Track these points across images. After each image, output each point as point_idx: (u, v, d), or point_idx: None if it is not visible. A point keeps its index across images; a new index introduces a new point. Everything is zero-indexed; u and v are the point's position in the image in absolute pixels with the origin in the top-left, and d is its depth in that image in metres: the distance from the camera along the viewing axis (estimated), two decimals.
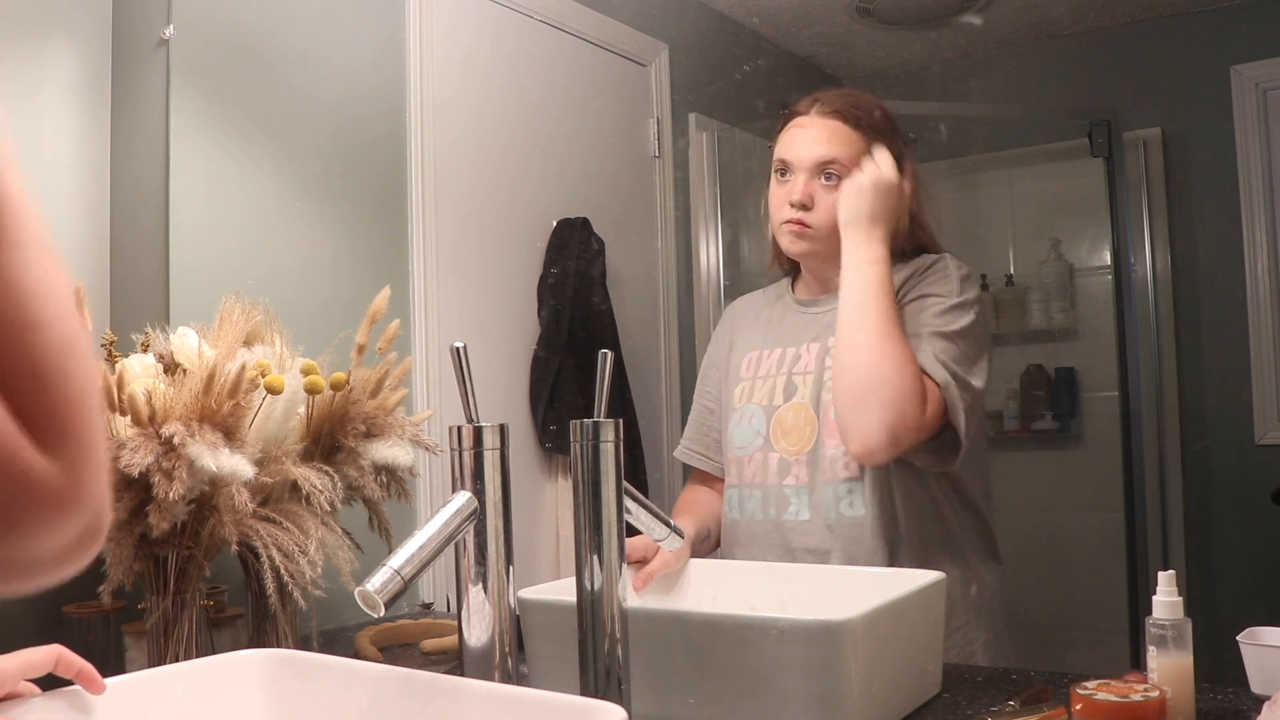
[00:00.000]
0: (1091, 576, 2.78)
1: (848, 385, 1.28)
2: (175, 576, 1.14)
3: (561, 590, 1.07)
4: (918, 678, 1.06)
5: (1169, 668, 0.92)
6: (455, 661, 1.08)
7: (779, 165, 1.41)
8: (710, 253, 2.56)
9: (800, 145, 1.38)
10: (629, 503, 0.97)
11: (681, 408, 2.45)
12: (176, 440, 1.06)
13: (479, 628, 0.90)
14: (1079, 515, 2.89)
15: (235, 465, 1.08)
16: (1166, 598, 0.94)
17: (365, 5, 1.78)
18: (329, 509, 1.17)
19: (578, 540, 0.94)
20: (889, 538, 1.33)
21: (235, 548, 1.12)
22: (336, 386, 1.23)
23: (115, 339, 1.23)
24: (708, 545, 1.49)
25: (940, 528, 1.37)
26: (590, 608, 0.93)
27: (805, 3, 2.71)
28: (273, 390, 1.15)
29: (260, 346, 1.25)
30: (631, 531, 1.00)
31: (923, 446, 1.30)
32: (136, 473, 1.04)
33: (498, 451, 0.91)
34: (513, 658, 0.92)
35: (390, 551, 0.83)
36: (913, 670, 1.05)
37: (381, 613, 0.80)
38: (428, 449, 1.33)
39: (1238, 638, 1.03)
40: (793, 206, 1.37)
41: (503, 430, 0.92)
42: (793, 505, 1.38)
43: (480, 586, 0.90)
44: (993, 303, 3.04)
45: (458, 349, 0.91)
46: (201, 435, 1.07)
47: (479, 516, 0.89)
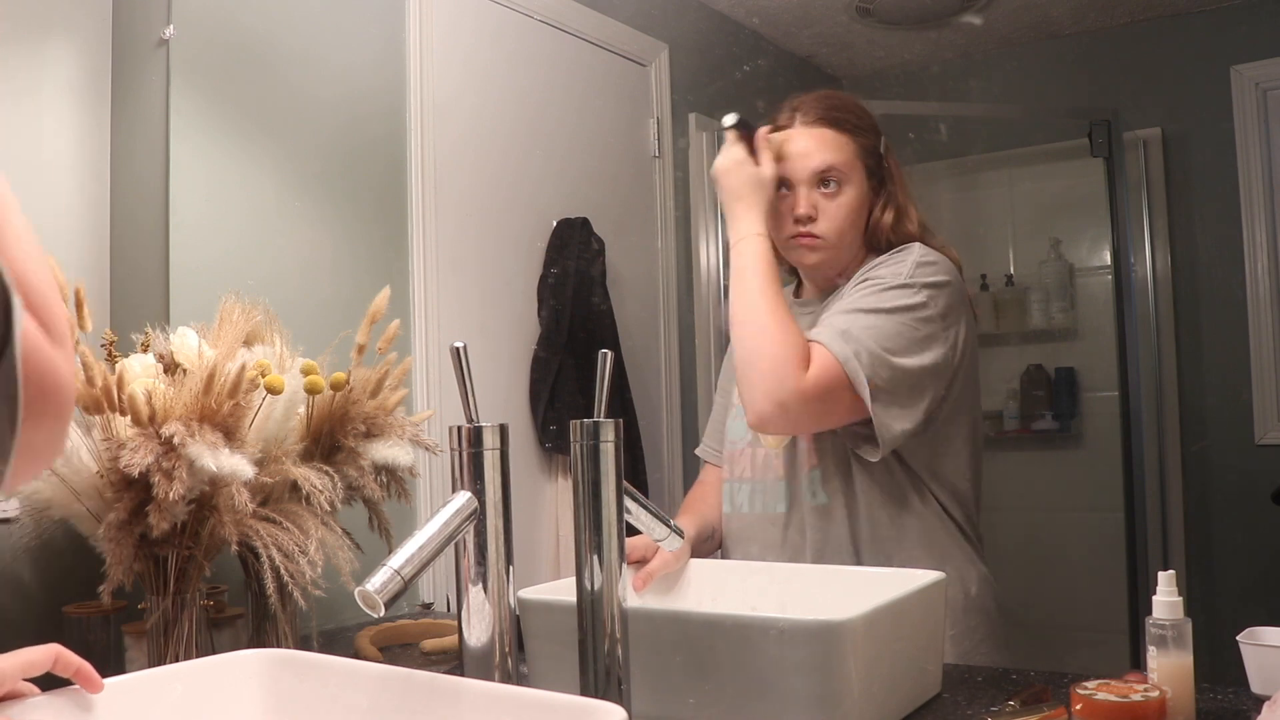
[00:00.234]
0: (1091, 576, 2.78)
1: (737, 360, 1.32)
2: (175, 576, 1.14)
3: (561, 590, 1.07)
4: (918, 678, 1.06)
5: (1169, 668, 0.92)
6: (455, 661, 1.08)
7: (776, 181, 1.39)
8: (710, 253, 2.55)
9: (794, 159, 1.38)
10: (629, 503, 0.97)
11: (682, 408, 2.46)
12: (176, 440, 1.06)
13: (479, 628, 0.90)
14: (1079, 515, 2.89)
15: (235, 465, 1.08)
16: (1166, 598, 0.94)
17: (365, 5, 1.78)
18: (329, 509, 1.17)
19: (578, 540, 0.94)
20: (853, 527, 1.33)
21: (235, 548, 1.12)
22: (336, 386, 1.23)
23: (115, 339, 1.23)
24: (711, 544, 1.49)
25: (915, 522, 1.35)
26: (590, 608, 0.93)
27: (805, 3, 2.71)
28: (273, 390, 1.15)
29: (260, 346, 1.25)
30: (631, 531, 1.00)
31: (856, 428, 1.29)
32: (136, 473, 1.04)
33: (498, 451, 0.91)
34: (513, 658, 0.92)
35: (390, 551, 0.83)
36: (913, 670, 1.05)
37: (381, 613, 0.80)
38: (428, 449, 1.33)
39: (1238, 638, 1.03)
40: (798, 222, 1.37)
41: (503, 430, 0.92)
42: (774, 498, 1.40)
43: (480, 586, 0.90)
44: (993, 303, 3.05)
45: (458, 349, 0.91)
46: (201, 435, 1.07)
47: (479, 516, 0.89)
